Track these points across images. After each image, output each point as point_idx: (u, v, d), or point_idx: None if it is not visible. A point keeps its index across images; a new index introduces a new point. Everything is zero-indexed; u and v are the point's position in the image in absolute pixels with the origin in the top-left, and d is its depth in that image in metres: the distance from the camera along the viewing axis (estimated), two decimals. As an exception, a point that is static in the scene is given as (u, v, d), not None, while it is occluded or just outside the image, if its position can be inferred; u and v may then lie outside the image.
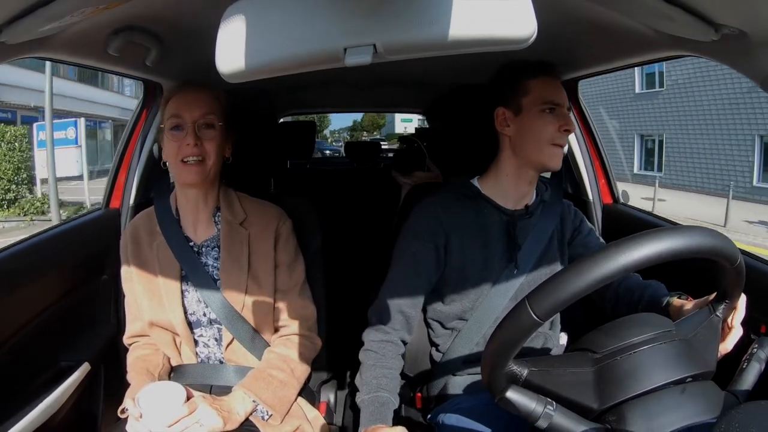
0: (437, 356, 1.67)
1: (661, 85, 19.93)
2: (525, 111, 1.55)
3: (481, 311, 1.57)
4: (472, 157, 1.74)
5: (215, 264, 1.64)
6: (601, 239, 1.73)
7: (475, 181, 1.66)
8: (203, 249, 1.66)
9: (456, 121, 1.96)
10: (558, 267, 1.64)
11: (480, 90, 1.69)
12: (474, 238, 1.58)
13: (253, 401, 1.50)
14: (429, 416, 1.63)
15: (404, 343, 1.55)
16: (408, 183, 2.78)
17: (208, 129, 1.56)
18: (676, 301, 1.35)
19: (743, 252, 1.16)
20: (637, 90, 21.13)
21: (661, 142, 20.40)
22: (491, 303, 1.57)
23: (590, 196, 2.30)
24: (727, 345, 1.14)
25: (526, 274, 1.58)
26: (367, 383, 1.44)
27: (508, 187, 1.62)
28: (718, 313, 1.07)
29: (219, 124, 1.58)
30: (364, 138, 37.21)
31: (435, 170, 2.76)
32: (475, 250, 1.58)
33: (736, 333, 1.14)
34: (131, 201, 2.17)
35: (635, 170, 20.96)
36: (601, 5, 1.30)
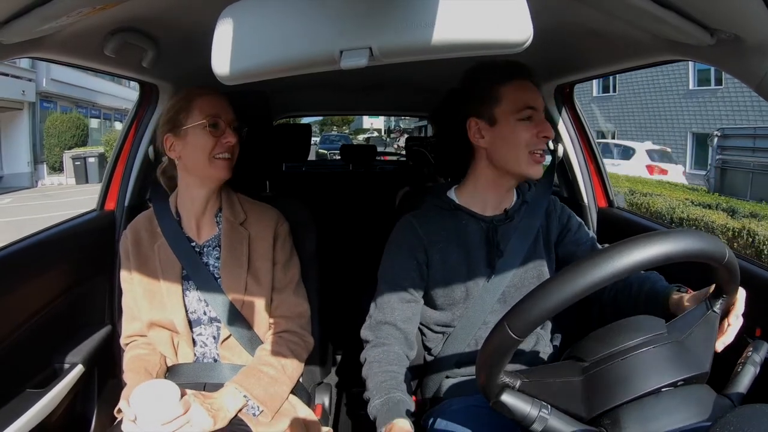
0: (430, 359, 1.67)
1: (614, 89, 22.91)
2: (500, 121, 1.51)
3: (468, 316, 1.57)
4: (454, 164, 1.73)
5: (216, 263, 1.67)
6: (592, 233, 1.70)
7: (452, 192, 1.66)
8: (205, 249, 1.68)
9: (443, 128, 1.95)
10: (544, 266, 1.62)
11: (455, 96, 1.66)
12: (454, 250, 1.58)
13: (244, 396, 1.51)
14: (423, 418, 1.62)
15: (407, 358, 1.54)
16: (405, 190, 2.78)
17: (237, 131, 1.64)
18: (674, 295, 1.31)
19: (739, 256, 1.16)
20: (594, 94, 23.86)
21: (614, 135, 22.70)
22: (478, 307, 1.57)
23: (585, 200, 2.30)
24: (727, 339, 1.12)
25: (511, 276, 1.57)
26: (376, 388, 1.41)
27: (486, 196, 1.61)
28: (715, 309, 1.04)
29: (245, 129, 1.67)
30: (333, 132, 37.24)
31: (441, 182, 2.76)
32: (456, 260, 1.58)
33: (735, 326, 1.12)
34: (126, 203, 2.17)
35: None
36: (596, 10, 1.30)
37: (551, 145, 2.25)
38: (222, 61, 0.82)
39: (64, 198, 15.32)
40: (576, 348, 1.06)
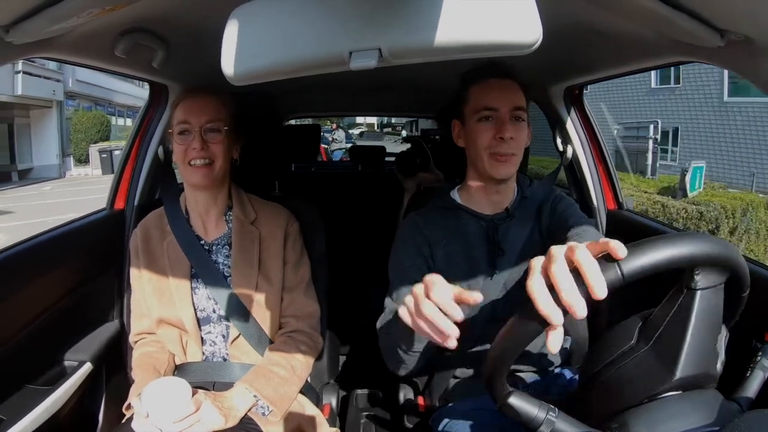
0: (436, 360, 1.67)
1: (586, 87, 24.26)
2: (467, 121, 1.53)
3: (471, 315, 1.56)
4: (452, 165, 1.74)
5: (226, 261, 1.68)
6: (581, 215, 1.62)
7: (455, 192, 1.66)
8: (214, 247, 1.69)
9: (444, 129, 1.96)
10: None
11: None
12: (456, 248, 1.58)
13: (254, 396, 1.51)
14: (431, 420, 1.62)
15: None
16: (411, 188, 2.78)
17: (214, 133, 1.61)
18: None
19: (748, 259, 1.14)
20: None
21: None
22: (480, 307, 1.54)
23: (594, 202, 2.29)
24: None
25: (509, 274, 1.56)
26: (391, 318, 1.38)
27: (480, 196, 1.61)
28: (693, 286, 0.89)
29: (225, 128, 1.62)
30: (326, 126, 37.60)
31: (437, 173, 2.75)
32: (459, 260, 1.58)
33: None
34: (135, 202, 2.18)
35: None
36: (606, 11, 1.29)
37: (560, 147, 2.25)
38: (231, 62, 0.82)
39: (98, 185, 16.62)
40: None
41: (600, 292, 0.78)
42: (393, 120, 39.79)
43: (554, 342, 0.83)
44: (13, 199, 15.43)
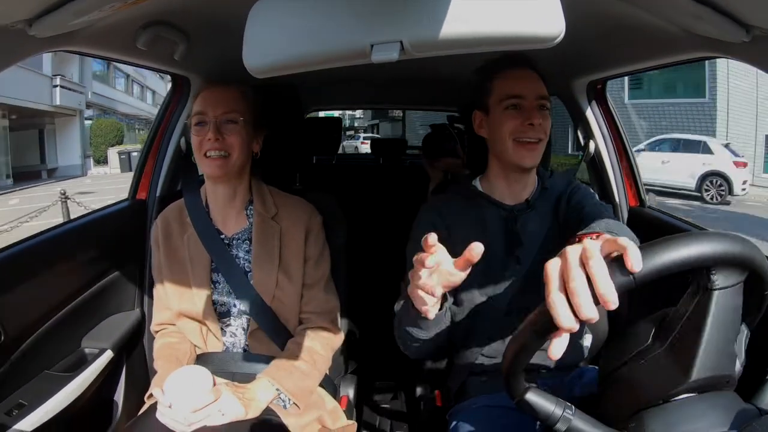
0: (453, 354, 1.67)
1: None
2: (491, 111, 1.55)
3: (489, 306, 1.56)
4: (476, 156, 1.74)
5: (246, 256, 1.68)
6: (597, 202, 1.60)
7: (477, 181, 1.67)
8: (234, 241, 1.69)
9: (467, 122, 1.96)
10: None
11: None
12: (475, 235, 1.53)
13: (276, 389, 1.52)
14: (448, 415, 1.62)
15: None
16: (436, 176, 2.77)
17: (230, 124, 1.59)
18: None
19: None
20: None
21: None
22: (498, 297, 1.56)
23: (617, 198, 2.27)
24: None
25: (528, 266, 1.56)
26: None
27: (501, 186, 1.62)
28: (710, 286, 0.85)
29: (241, 119, 1.61)
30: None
31: (463, 156, 2.73)
32: None
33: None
34: (158, 193, 2.20)
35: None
36: (629, 4, 1.28)
37: (582, 142, 2.23)
38: (253, 54, 0.83)
39: (124, 178, 18.84)
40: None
41: (612, 303, 0.77)
42: (356, 123, 43.75)
43: (558, 348, 0.82)
44: (77, 186, 18.06)
